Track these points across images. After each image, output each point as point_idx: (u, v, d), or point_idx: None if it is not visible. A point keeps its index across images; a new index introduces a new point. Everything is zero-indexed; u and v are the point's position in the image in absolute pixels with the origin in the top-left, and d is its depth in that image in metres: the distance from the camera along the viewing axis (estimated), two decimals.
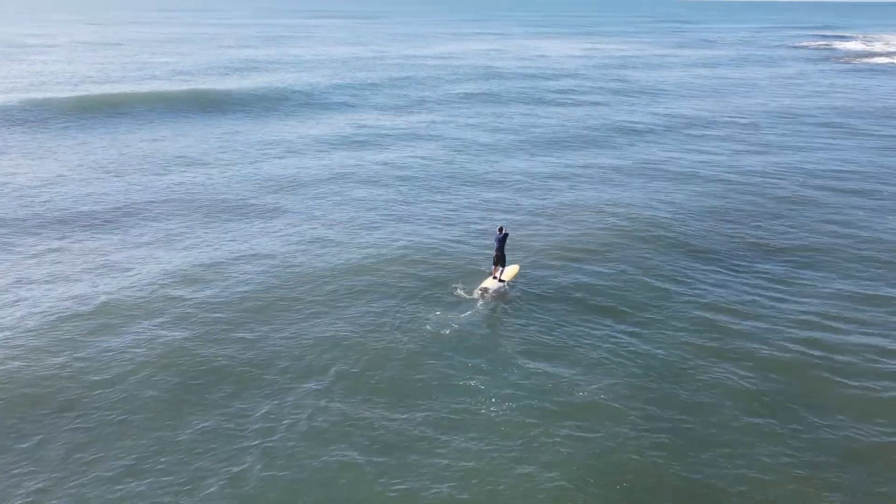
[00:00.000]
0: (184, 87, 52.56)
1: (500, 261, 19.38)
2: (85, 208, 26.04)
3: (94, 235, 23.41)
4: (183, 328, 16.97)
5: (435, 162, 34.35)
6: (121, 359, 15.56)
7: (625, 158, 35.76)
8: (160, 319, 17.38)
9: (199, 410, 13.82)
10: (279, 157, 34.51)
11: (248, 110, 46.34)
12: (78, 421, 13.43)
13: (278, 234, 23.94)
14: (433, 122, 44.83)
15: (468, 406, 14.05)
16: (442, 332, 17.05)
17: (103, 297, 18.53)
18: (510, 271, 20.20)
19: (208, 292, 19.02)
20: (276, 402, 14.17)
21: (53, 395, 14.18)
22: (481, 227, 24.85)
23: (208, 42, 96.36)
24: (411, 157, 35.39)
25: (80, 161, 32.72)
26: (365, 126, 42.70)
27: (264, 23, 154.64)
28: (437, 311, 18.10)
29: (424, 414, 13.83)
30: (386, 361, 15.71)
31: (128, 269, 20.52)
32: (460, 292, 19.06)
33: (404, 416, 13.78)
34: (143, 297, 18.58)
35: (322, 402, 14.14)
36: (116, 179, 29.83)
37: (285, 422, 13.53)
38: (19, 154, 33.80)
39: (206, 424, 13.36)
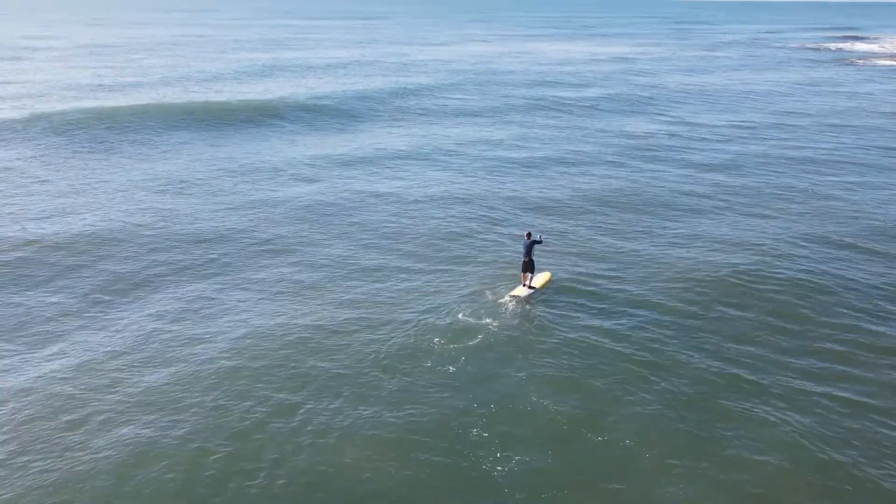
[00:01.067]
0: (183, 98, 51.08)
1: (529, 267, 18.62)
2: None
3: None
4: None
5: (449, 178, 33.14)
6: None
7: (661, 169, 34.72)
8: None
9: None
10: (273, 178, 32.76)
11: (256, 123, 43.78)
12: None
13: (279, 258, 22.88)
14: (446, 135, 43.13)
15: (473, 449, 12.94)
16: (452, 350, 15.97)
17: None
18: (540, 278, 19.38)
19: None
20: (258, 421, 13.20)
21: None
22: (502, 236, 23.82)
23: (207, 47, 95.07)
24: (420, 173, 34.29)
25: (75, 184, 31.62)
26: (383, 140, 40.98)
27: (267, 24, 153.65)
28: (451, 325, 17.01)
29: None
30: (377, 387, 14.57)
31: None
32: (463, 317, 17.69)
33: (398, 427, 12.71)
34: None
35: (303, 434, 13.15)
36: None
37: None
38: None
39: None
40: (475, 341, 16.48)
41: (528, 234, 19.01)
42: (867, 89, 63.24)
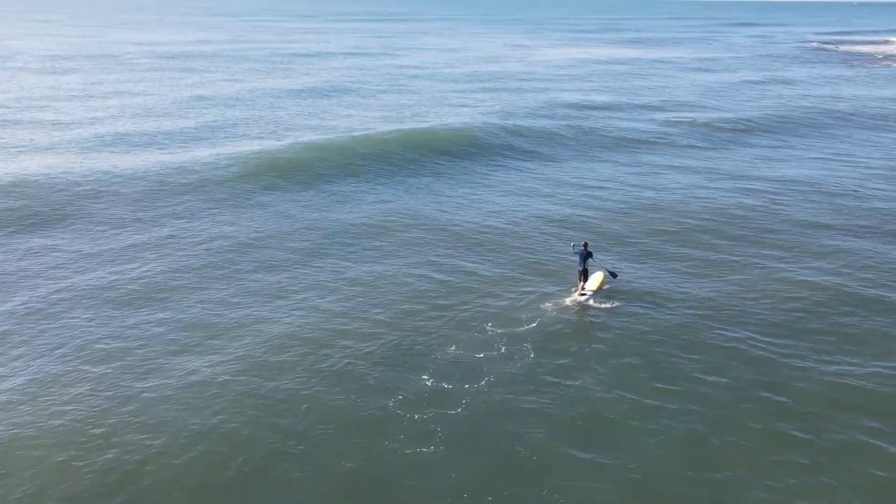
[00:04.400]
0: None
1: (584, 275, 20.14)
2: None
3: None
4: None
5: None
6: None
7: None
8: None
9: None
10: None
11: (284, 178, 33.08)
12: None
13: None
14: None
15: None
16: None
17: None
18: (594, 280, 20.52)
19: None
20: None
21: None
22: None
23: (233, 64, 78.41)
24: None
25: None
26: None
27: (298, 27, 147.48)
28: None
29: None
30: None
31: None
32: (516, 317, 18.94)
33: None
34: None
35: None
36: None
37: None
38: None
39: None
40: (514, 353, 17.13)
41: (585, 245, 20.27)
42: None
